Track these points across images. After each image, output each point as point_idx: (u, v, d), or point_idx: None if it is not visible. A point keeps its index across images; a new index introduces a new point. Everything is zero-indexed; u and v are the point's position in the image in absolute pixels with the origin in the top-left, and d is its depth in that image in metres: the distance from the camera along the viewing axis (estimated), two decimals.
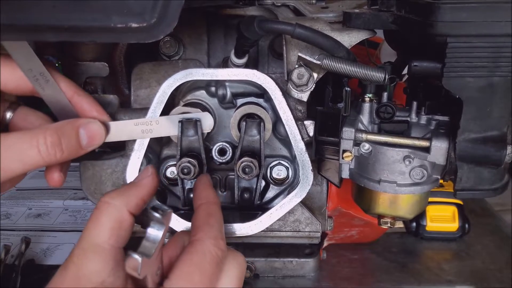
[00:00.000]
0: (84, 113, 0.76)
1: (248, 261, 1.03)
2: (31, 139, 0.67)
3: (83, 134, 0.71)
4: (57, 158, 0.69)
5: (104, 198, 0.67)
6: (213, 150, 0.87)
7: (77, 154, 0.72)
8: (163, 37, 0.66)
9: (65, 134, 0.69)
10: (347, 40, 0.81)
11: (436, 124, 0.81)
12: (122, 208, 0.66)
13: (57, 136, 0.68)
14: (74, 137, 0.71)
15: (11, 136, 0.67)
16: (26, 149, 0.66)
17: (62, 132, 0.69)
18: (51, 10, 0.62)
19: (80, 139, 0.71)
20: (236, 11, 0.92)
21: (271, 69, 0.96)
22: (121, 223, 0.65)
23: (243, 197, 0.87)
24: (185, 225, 0.81)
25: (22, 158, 0.66)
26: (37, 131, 0.68)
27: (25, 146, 0.66)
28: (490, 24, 0.70)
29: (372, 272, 1.13)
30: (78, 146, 0.71)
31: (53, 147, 0.68)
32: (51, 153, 0.68)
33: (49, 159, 0.68)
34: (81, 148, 0.72)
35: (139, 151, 0.80)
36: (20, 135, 0.68)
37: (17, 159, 0.65)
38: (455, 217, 1.22)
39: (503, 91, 0.74)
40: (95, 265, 0.62)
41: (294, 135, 0.81)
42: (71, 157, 0.71)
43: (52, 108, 0.76)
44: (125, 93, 0.99)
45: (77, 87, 0.76)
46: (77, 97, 0.75)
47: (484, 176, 0.78)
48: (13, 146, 0.65)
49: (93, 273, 0.61)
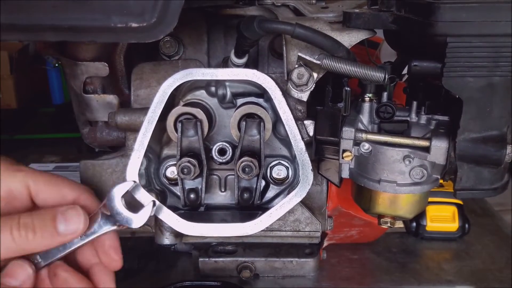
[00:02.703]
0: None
1: (248, 261, 1.03)
2: (5, 221, 0.65)
3: (60, 219, 0.68)
4: (28, 242, 0.66)
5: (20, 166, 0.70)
6: (213, 150, 0.87)
7: (52, 239, 0.68)
8: (163, 37, 0.67)
9: (40, 216, 0.67)
10: (347, 40, 0.81)
11: (436, 124, 0.81)
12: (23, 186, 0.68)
13: (30, 218, 0.67)
14: (50, 221, 0.68)
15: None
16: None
17: (37, 214, 0.68)
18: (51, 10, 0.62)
19: (56, 224, 0.68)
20: (236, 11, 0.92)
21: (271, 69, 0.96)
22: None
23: (243, 197, 0.87)
24: (185, 225, 0.81)
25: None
26: (13, 215, 0.67)
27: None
28: (490, 24, 0.70)
29: (372, 272, 1.13)
30: (54, 231, 0.68)
31: (25, 229, 0.65)
32: (22, 235, 0.65)
33: (21, 243, 0.65)
34: (57, 234, 0.68)
35: (139, 151, 0.80)
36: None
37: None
38: (455, 217, 1.22)
39: (503, 91, 0.74)
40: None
41: (294, 135, 0.81)
42: (45, 242, 0.68)
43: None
44: (125, 93, 0.99)
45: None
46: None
47: (484, 176, 0.78)
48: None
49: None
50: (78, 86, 0.97)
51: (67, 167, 1.39)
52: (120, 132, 0.99)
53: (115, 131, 1.00)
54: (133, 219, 0.74)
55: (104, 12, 0.62)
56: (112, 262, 0.75)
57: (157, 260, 1.12)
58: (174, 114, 0.83)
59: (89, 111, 0.99)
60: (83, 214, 0.70)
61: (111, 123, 0.89)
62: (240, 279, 1.02)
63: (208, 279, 1.02)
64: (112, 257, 0.75)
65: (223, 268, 1.03)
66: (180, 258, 1.13)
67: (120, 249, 0.75)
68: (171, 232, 0.90)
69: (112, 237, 0.75)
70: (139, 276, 0.78)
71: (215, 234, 0.81)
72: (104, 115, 0.98)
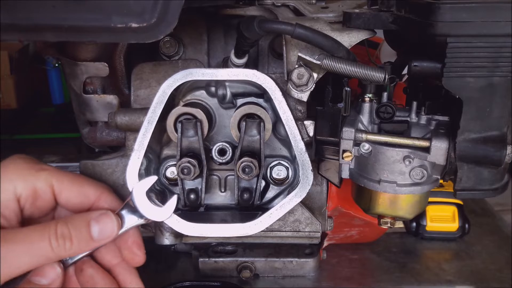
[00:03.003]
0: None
1: (248, 261, 1.03)
2: (42, 230, 0.67)
3: (95, 226, 0.70)
4: (66, 251, 0.68)
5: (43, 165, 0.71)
6: (213, 150, 0.87)
7: (88, 246, 0.71)
8: (163, 37, 0.67)
9: (75, 225, 0.69)
10: (347, 40, 0.81)
11: (436, 124, 0.81)
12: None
13: (67, 227, 0.68)
14: (85, 229, 0.69)
15: (25, 229, 0.67)
16: (36, 241, 0.66)
17: (72, 223, 0.69)
18: (51, 10, 0.62)
19: (91, 231, 0.70)
20: (236, 11, 0.92)
21: (271, 69, 0.96)
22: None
23: (243, 197, 0.87)
24: (185, 225, 0.81)
25: (31, 250, 0.65)
26: (49, 223, 0.68)
27: (36, 238, 0.66)
28: (490, 24, 0.70)
29: (372, 272, 1.13)
30: (89, 239, 0.70)
31: (63, 239, 0.67)
32: (61, 244, 0.67)
33: (59, 251, 0.67)
34: (92, 240, 0.70)
35: (139, 151, 0.80)
36: (32, 227, 0.68)
37: (26, 252, 0.65)
38: (455, 217, 1.22)
39: (503, 91, 0.74)
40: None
41: (294, 135, 0.81)
42: (82, 249, 0.70)
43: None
44: (125, 93, 0.99)
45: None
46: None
47: (484, 176, 0.78)
48: (24, 239, 0.65)
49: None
50: (78, 86, 0.97)
51: (67, 167, 1.38)
52: (120, 132, 0.99)
53: (115, 131, 1.00)
54: (159, 212, 0.76)
55: (104, 12, 0.62)
56: (135, 257, 0.76)
57: (157, 260, 1.12)
58: (174, 114, 0.83)
59: (89, 111, 0.99)
60: (115, 219, 0.72)
61: (111, 123, 0.89)
62: (240, 279, 1.02)
63: (208, 279, 1.02)
64: (135, 253, 0.76)
65: (223, 268, 1.03)
66: (180, 258, 1.13)
67: (143, 245, 0.77)
68: (171, 232, 0.90)
69: (134, 234, 0.77)
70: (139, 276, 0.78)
71: (215, 234, 0.81)
72: (104, 115, 0.98)
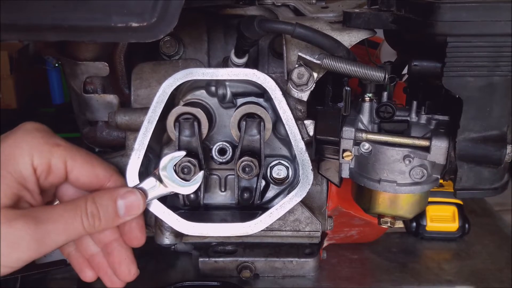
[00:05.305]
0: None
1: (248, 261, 1.03)
2: (75, 210, 0.68)
3: (121, 204, 0.72)
4: (95, 228, 0.70)
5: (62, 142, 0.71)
6: (213, 149, 0.87)
7: (113, 223, 0.72)
8: (163, 36, 0.67)
9: (103, 204, 0.70)
10: (347, 39, 0.81)
11: (436, 124, 0.81)
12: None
13: (95, 206, 0.70)
14: (112, 207, 0.71)
15: (57, 208, 0.69)
16: (70, 220, 0.68)
17: (100, 202, 0.70)
18: (51, 10, 0.62)
19: (117, 209, 0.72)
20: (236, 11, 0.92)
21: (271, 69, 0.96)
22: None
23: (243, 197, 0.87)
24: (185, 224, 0.81)
25: (66, 230, 0.67)
26: (79, 202, 0.70)
27: (70, 217, 0.68)
28: (490, 24, 0.70)
29: (372, 272, 1.13)
30: (115, 216, 0.72)
31: (92, 217, 0.69)
32: (91, 223, 0.69)
33: (89, 229, 0.69)
34: (118, 217, 0.72)
35: (139, 151, 0.80)
36: (62, 206, 0.70)
37: (63, 231, 0.67)
38: (455, 217, 1.22)
39: (503, 90, 0.74)
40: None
41: (294, 135, 0.81)
42: (108, 226, 0.72)
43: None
44: (125, 93, 0.99)
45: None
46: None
47: (484, 176, 0.78)
48: (58, 219, 0.67)
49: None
50: (78, 86, 0.97)
51: None
52: (120, 132, 0.99)
53: (115, 131, 1.00)
54: (185, 186, 0.78)
55: (104, 12, 0.62)
56: (135, 239, 0.77)
57: (157, 260, 1.13)
58: (174, 114, 0.83)
59: (89, 111, 0.99)
60: (141, 197, 0.74)
61: (111, 123, 0.89)
62: (240, 279, 1.02)
63: (208, 279, 1.02)
64: (136, 234, 0.77)
65: (223, 268, 1.03)
66: (180, 258, 1.13)
67: (145, 229, 0.78)
68: (171, 232, 0.90)
69: (138, 216, 0.77)
70: (139, 276, 0.78)
71: (215, 234, 0.81)
72: (104, 115, 0.98)
